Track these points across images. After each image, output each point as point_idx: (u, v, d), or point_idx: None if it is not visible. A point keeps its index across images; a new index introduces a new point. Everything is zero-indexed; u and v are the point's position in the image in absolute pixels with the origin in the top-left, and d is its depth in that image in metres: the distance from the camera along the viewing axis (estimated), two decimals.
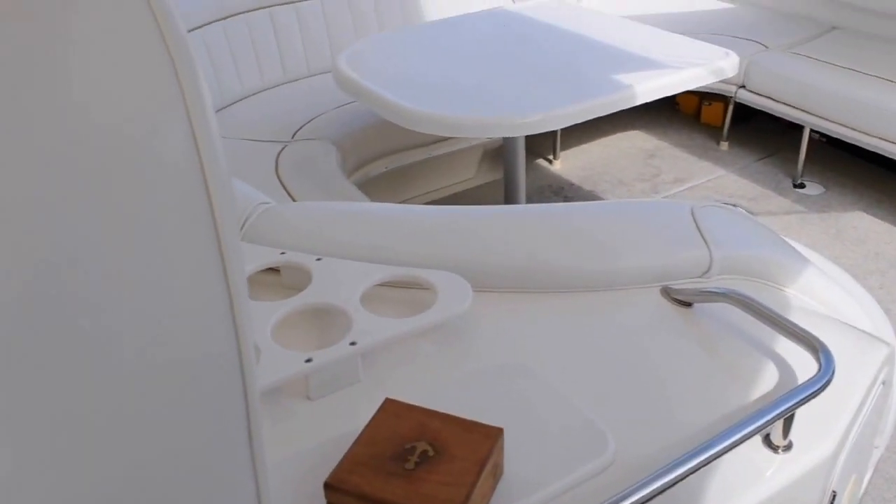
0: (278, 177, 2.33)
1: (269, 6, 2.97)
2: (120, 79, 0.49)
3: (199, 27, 2.76)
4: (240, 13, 2.90)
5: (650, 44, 2.41)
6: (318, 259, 1.25)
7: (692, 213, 1.34)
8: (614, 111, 2.07)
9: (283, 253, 1.27)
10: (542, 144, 3.46)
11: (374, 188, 2.81)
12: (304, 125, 2.66)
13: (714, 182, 3.25)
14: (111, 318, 0.51)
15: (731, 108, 3.43)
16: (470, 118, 1.98)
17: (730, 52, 2.30)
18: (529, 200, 3.10)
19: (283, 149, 2.49)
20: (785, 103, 3.11)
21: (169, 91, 0.51)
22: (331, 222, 1.33)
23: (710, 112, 3.67)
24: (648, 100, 2.10)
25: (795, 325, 1.07)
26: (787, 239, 1.43)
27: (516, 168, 2.49)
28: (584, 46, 2.41)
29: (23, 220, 0.45)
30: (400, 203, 3.00)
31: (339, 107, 2.75)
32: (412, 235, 1.29)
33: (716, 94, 3.42)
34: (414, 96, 2.07)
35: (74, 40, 0.47)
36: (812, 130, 3.10)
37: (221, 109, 2.78)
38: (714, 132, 3.63)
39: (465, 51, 2.42)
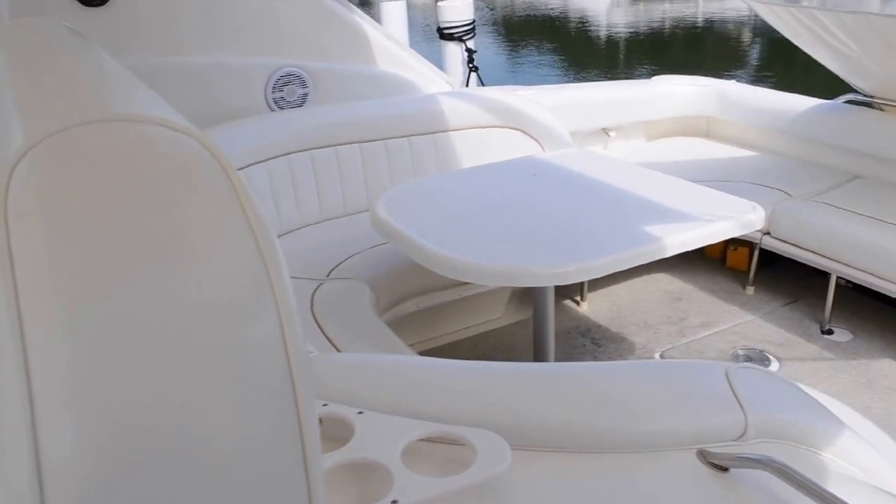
0: (313, 314, 2.39)
1: (309, 149, 3.12)
2: (228, 278, 0.59)
3: (244, 167, 2.90)
4: (282, 154, 3.05)
5: (678, 195, 2.49)
6: (360, 412, 1.28)
7: (727, 375, 1.36)
8: (644, 263, 2.12)
9: (325, 405, 1.31)
10: (569, 285, 3.52)
11: (405, 327, 2.86)
12: (340, 264, 2.74)
13: (741, 327, 3.26)
14: (206, 451, 0.62)
15: (756, 253, 3.49)
16: (501, 267, 2.04)
17: (756, 205, 2.37)
18: (557, 342, 3.12)
19: (318, 286, 2.56)
20: (810, 250, 3.16)
21: (262, 288, 0.59)
22: (372, 376, 1.37)
23: (735, 257, 3.74)
24: (678, 252, 2.16)
25: (835, 497, 1.08)
26: (816, 389, 1.44)
27: (545, 312, 2.53)
28: (613, 197, 2.50)
29: (156, 371, 0.59)
30: (429, 340, 3.04)
31: (373, 247, 2.84)
32: (452, 392, 1.32)
33: (741, 240, 3.48)
34: (447, 242, 2.14)
35: (194, 252, 0.56)
36: (839, 277, 3.13)
37: None
38: (740, 276, 3.68)
39: (498, 198, 2.51)
